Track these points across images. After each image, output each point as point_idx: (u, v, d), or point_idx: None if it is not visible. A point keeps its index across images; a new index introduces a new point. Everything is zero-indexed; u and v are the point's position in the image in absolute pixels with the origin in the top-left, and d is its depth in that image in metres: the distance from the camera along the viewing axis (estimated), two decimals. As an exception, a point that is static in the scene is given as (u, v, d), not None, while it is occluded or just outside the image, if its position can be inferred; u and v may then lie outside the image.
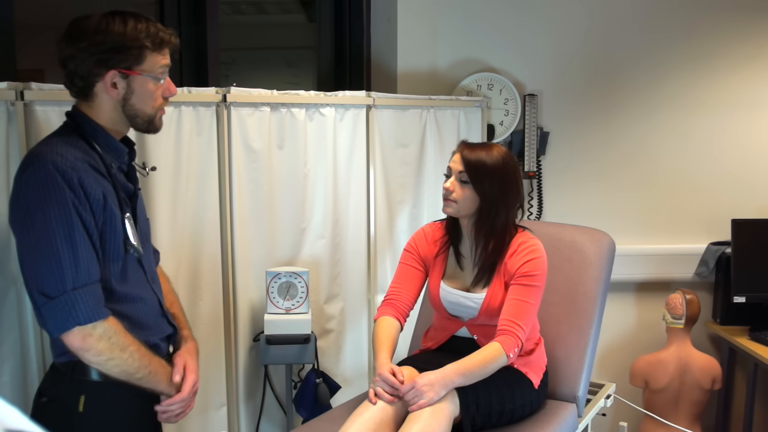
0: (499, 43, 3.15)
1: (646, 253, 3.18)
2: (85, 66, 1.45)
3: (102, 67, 1.46)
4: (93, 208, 1.42)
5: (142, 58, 1.48)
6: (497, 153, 1.89)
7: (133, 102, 1.50)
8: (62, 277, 1.38)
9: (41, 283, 1.39)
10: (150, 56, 1.49)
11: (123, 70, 1.47)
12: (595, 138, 3.19)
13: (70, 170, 1.39)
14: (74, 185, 1.39)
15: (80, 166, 1.41)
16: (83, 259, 1.40)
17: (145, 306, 1.57)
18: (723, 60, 3.13)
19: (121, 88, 1.48)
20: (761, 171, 3.18)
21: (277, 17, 3.25)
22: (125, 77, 1.48)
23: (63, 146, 1.43)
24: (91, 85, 1.48)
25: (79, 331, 1.39)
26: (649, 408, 3.03)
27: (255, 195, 2.29)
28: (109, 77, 1.46)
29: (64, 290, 1.38)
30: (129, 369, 1.46)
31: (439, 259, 2.02)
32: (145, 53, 1.48)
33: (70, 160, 1.40)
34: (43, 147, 1.44)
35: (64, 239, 1.38)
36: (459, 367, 1.77)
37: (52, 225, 1.37)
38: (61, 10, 2.23)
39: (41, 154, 1.41)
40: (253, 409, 2.39)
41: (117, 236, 1.48)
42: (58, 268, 1.38)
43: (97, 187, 1.43)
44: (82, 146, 1.46)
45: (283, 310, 2.29)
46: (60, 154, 1.40)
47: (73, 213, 1.38)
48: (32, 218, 1.38)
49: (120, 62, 1.46)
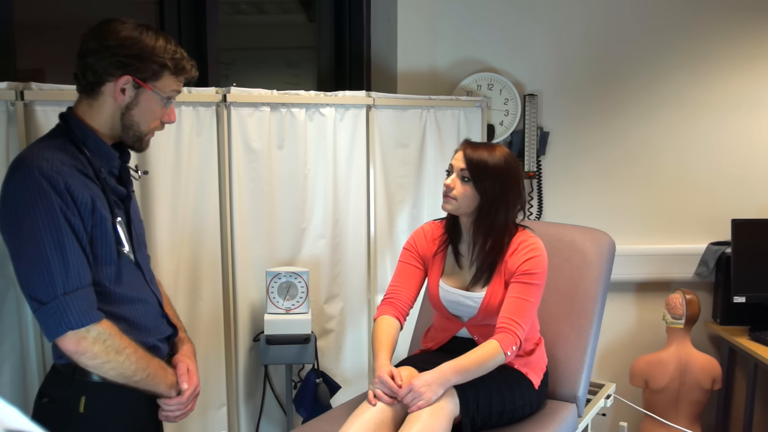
0: (499, 43, 3.15)
1: (646, 253, 3.18)
2: (103, 63, 1.46)
3: (119, 70, 1.46)
4: (81, 212, 1.41)
5: (160, 76, 1.50)
6: (499, 153, 1.90)
7: (133, 113, 1.51)
8: (52, 283, 1.37)
9: (32, 288, 1.38)
10: (167, 77, 1.51)
11: (137, 80, 1.48)
12: (595, 138, 3.19)
13: (56, 175, 1.38)
14: (60, 190, 1.38)
15: (66, 171, 1.41)
16: (73, 263, 1.39)
17: (143, 307, 1.57)
18: (723, 60, 3.13)
19: (128, 96, 1.49)
20: (761, 171, 3.18)
21: (277, 17, 3.25)
22: (137, 87, 1.49)
23: (49, 150, 1.42)
24: (102, 83, 1.48)
25: (73, 335, 1.39)
26: (649, 408, 3.03)
27: (255, 195, 2.29)
28: (121, 81, 1.47)
29: (55, 295, 1.37)
30: (126, 372, 1.46)
31: (438, 257, 2.02)
32: (164, 72, 1.50)
33: (56, 165, 1.40)
34: (29, 152, 1.44)
35: (53, 244, 1.37)
36: (456, 365, 1.77)
37: (40, 230, 1.37)
38: (61, 10, 2.23)
39: (27, 159, 1.41)
40: (253, 409, 2.39)
41: (108, 240, 1.47)
42: (48, 273, 1.37)
43: (85, 191, 1.42)
44: (70, 150, 1.46)
45: (283, 310, 2.29)
46: (46, 159, 1.40)
47: (61, 218, 1.38)
48: (20, 224, 1.38)
49: (138, 71, 1.47)
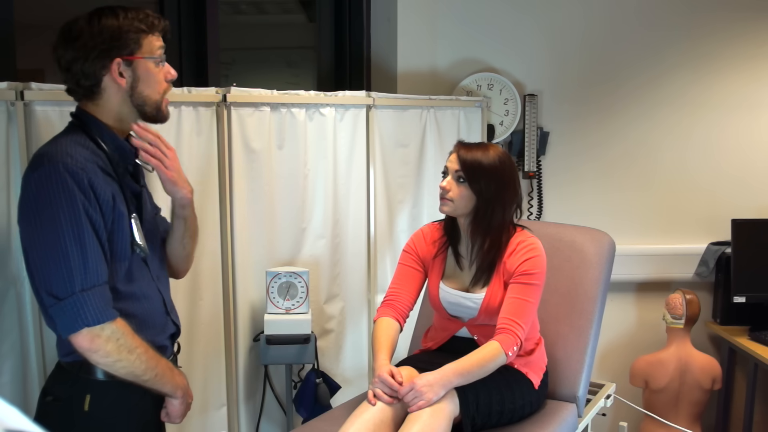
0: (499, 43, 3.15)
1: (646, 253, 3.18)
2: (89, 64, 1.47)
3: (106, 59, 1.47)
4: (103, 209, 1.43)
5: (141, 42, 1.51)
6: (494, 153, 1.89)
7: (140, 89, 1.52)
8: (71, 279, 1.38)
9: (50, 284, 1.39)
10: (146, 39, 1.52)
11: (126, 57, 1.49)
12: (594, 138, 3.19)
13: (81, 171, 1.40)
14: (84, 187, 1.39)
15: (90, 167, 1.42)
16: (92, 260, 1.40)
17: (149, 304, 1.57)
18: (723, 60, 3.13)
19: (127, 77, 1.50)
20: (761, 171, 3.18)
21: (277, 17, 3.25)
22: (129, 64, 1.50)
23: (72, 146, 1.43)
24: (99, 81, 1.49)
25: (88, 333, 1.39)
26: (649, 408, 3.03)
27: (255, 195, 2.29)
28: (114, 67, 1.48)
29: (72, 291, 1.38)
30: (136, 371, 1.47)
31: (438, 259, 2.02)
32: (141, 36, 1.51)
33: (80, 161, 1.41)
34: (52, 147, 1.44)
35: (74, 240, 1.38)
36: (458, 367, 1.77)
37: (61, 226, 1.37)
38: (61, 10, 2.23)
39: (51, 154, 1.41)
40: (253, 409, 2.39)
41: (124, 236, 1.49)
42: (67, 269, 1.38)
43: (107, 188, 1.44)
44: (90, 146, 1.47)
45: (283, 310, 2.29)
46: (70, 156, 1.41)
47: (83, 214, 1.39)
48: (41, 220, 1.38)
49: (122, 49, 1.48)
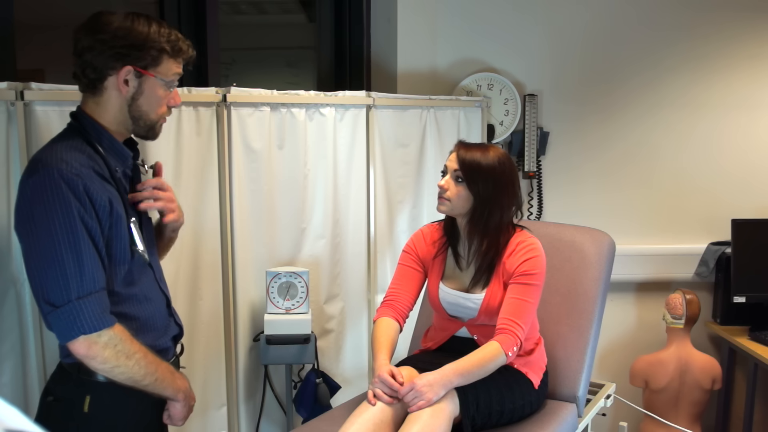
0: (499, 43, 3.15)
1: (646, 253, 3.18)
2: (101, 58, 1.45)
3: (118, 62, 1.46)
4: (99, 214, 1.42)
5: (159, 61, 1.49)
6: (493, 154, 1.89)
7: (140, 103, 1.50)
8: (66, 286, 1.37)
9: (46, 291, 1.38)
10: (166, 61, 1.50)
11: (138, 69, 1.47)
12: (594, 138, 3.19)
13: (75, 177, 1.38)
14: (79, 193, 1.38)
15: (85, 173, 1.41)
16: (88, 267, 1.39)
17: (151, 306, 1.57)
18: (723, 60, 3.13)
19: (132, 87, 1.48)
20: (761, 171, 3.18)
21: (277, 17, 3.25)
22: (139, 76, 1.48)
23: (68, 152, 1.42)
24: (103, 78, 1.47)
25: (85, 340, 1.39)
26: (649, 408, 3.03)
27: (255, 195, 2.29)
28: (123, 73, 1.46)
29: (68, 299, 1.37)
30: (135, 376, 1.46)
31: (438, 260, 2.02)
32: (162, 57, 1.49)
33: (75, 167, 1.40)
34: (47, 153, 1.43)
35: (69, 248, 1.37)
36: (458, 367, 1.77)
37: (56, 233, 1.36)
38: (61, 10, 2.23)
39: (46, 160, 1.40)
40: (253, 409, 2.39)
41: (123, 240, 1.48)
42: (63, 277, 1.37)
43: (103, 193, 1.43)
44: (86, 151, 1.46)
45: (283, 310, 2.29)
46: (65, 161, 1.39)
47: (78, 221, 1.38)
48: (36, 226, 1.38)
49: (137, 60, 1.47)
